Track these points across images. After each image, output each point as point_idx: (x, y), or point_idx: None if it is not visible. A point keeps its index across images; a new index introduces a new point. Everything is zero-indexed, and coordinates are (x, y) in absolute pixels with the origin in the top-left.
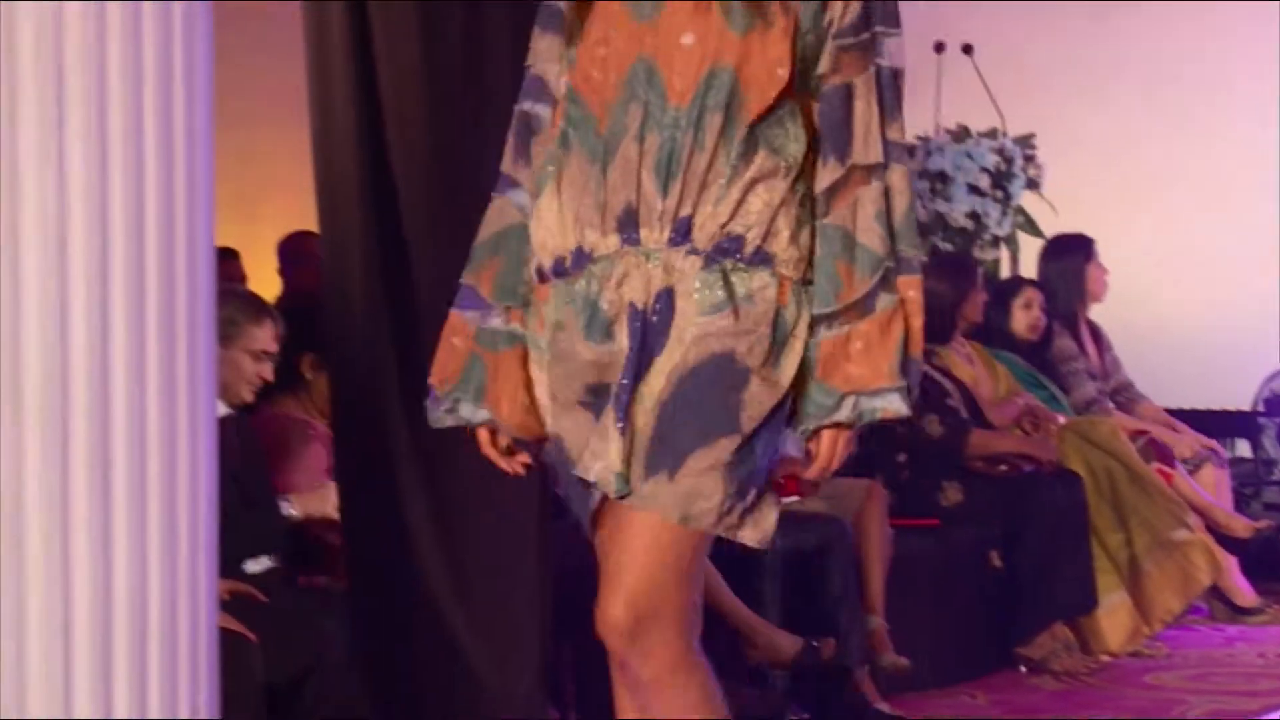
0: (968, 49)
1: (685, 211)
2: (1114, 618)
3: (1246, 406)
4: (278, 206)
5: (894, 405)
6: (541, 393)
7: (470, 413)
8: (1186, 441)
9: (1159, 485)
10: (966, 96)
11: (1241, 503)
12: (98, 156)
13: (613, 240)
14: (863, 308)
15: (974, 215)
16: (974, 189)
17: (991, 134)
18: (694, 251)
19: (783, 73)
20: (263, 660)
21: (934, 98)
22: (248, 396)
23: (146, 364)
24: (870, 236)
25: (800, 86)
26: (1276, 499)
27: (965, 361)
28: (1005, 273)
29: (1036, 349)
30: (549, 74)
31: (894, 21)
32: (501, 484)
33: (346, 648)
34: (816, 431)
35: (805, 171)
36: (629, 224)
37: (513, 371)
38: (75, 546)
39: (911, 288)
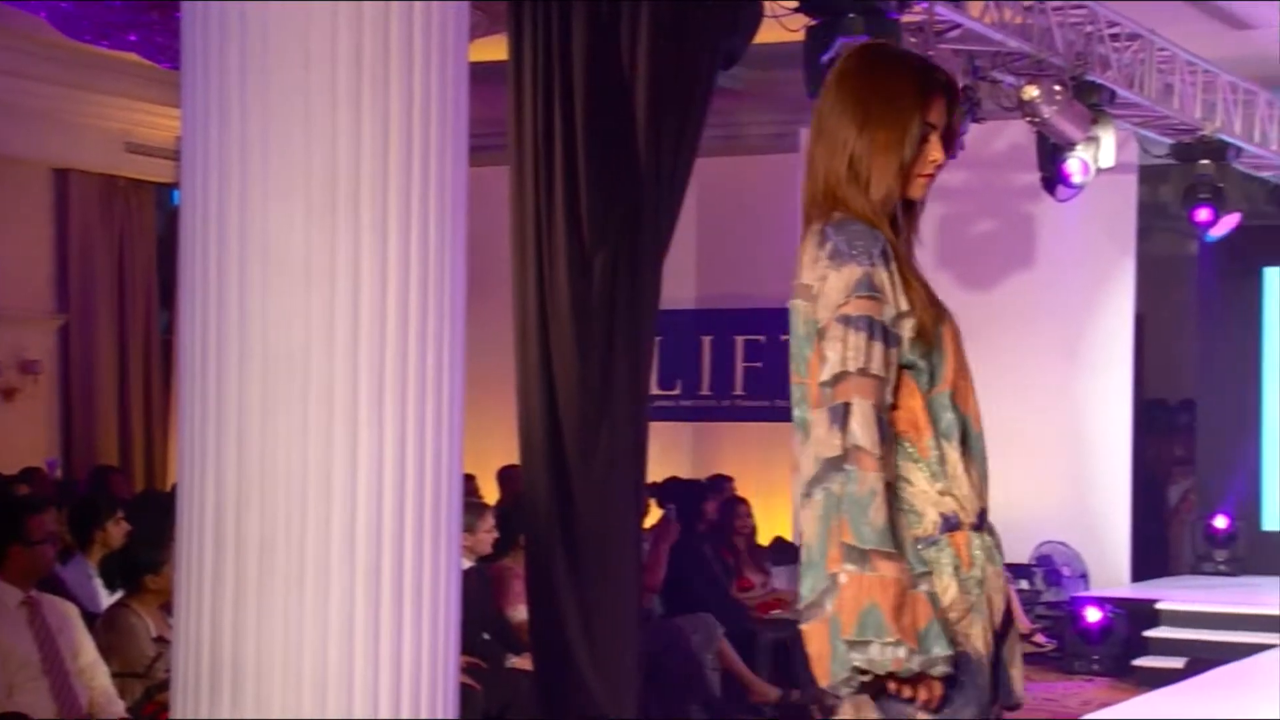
0: None
1: (983, 505)
2: None
3: (1025, 560)
4: None
5: None
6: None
7: (947, 668)
8: None
9: None
10: None
11: (1026, 609)
12: None
13: (974, 519)
14: None
15: None
16: None
17: None
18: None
19: None
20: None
21: None
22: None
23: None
24: None
25: None
26: (1043, 612)
27: None
28: None
29: None
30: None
31: None
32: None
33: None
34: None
35: None
36: (980, 510)
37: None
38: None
39: None
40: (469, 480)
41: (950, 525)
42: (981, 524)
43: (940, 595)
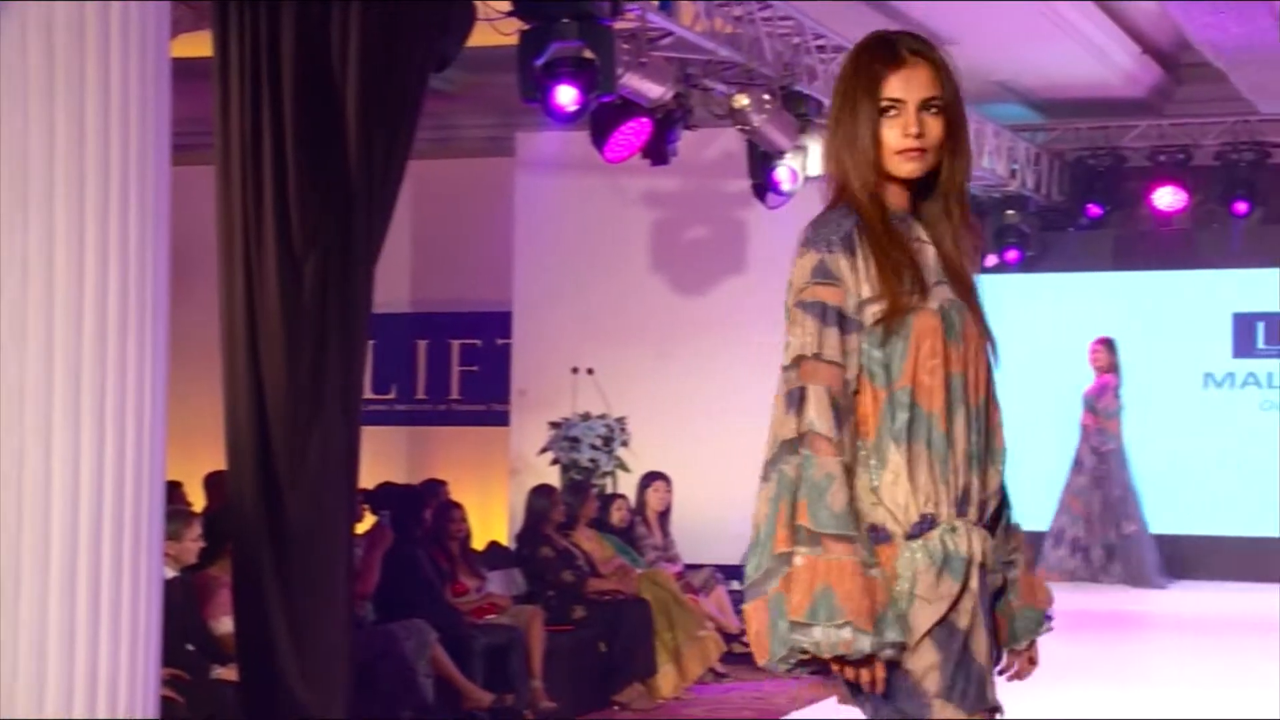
0: (590, 370)
1: (984, 496)
2: (665, 678)
3: (738, 561)
4: None
5: (1051, 620)
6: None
7: (897, 634)
8: (703, 575)
9: (690, 605)
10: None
11: (736, 610)
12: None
13: (950, 513)
14: (1018, 552)
15: (593, 460)
16: (593, 446)
17: (603, 416)
18: (988, 526)
19: (994, 391)
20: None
21: (571, 397)
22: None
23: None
24: (1006, 503)
25: None
26: None
27: (587, 540)
28: (610, 490)
29: (624, 532)
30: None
31: None
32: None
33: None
34: (1032, 642)
35: None
36: (964, 502)
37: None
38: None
39: (1020, 538)
40: (174, 487)
41: (878, 538)
42: (921, 531)
43: None
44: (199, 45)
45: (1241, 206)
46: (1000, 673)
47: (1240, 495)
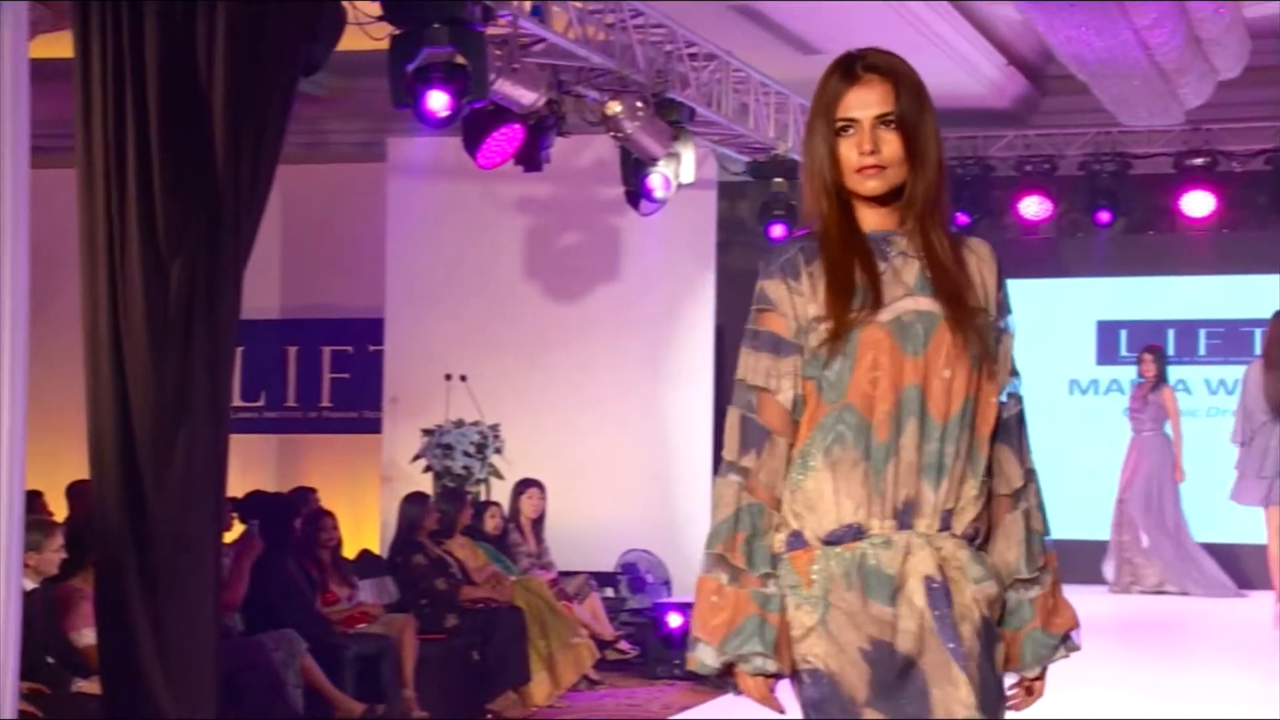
0: (463, 377)
1: (948, 505)
2: (539, 686)
3: (610, 568)
4: None
5: (1074, 642)
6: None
7: (763, 664)
8: (577, 583)
9: (564, 612)
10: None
11: (610, 617)
12: None
13: (886, 524)
14: (1045, 572)
15: (467, 467)
16: (466, 453)
17: (476, 424)
18: (953, 536)
19: (993, 401)
20: None
21: (444, 404)
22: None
23: None
24: (1038, 522)
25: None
26: (628, 619)
27: (460, 548)
28: (484, 497)
29: (498, 540)
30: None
31: (1014, 371)
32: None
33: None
34: (1042, 671)
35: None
36: (905, 513)
37: (785, 629)
38: None
39: (1053, 559)
40: (34, 496)
41: (794, 544)
42: (841, 539)
43: (787, 611)
44: (59, 46)
45: (1104, 216)
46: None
47: (1104, 500)
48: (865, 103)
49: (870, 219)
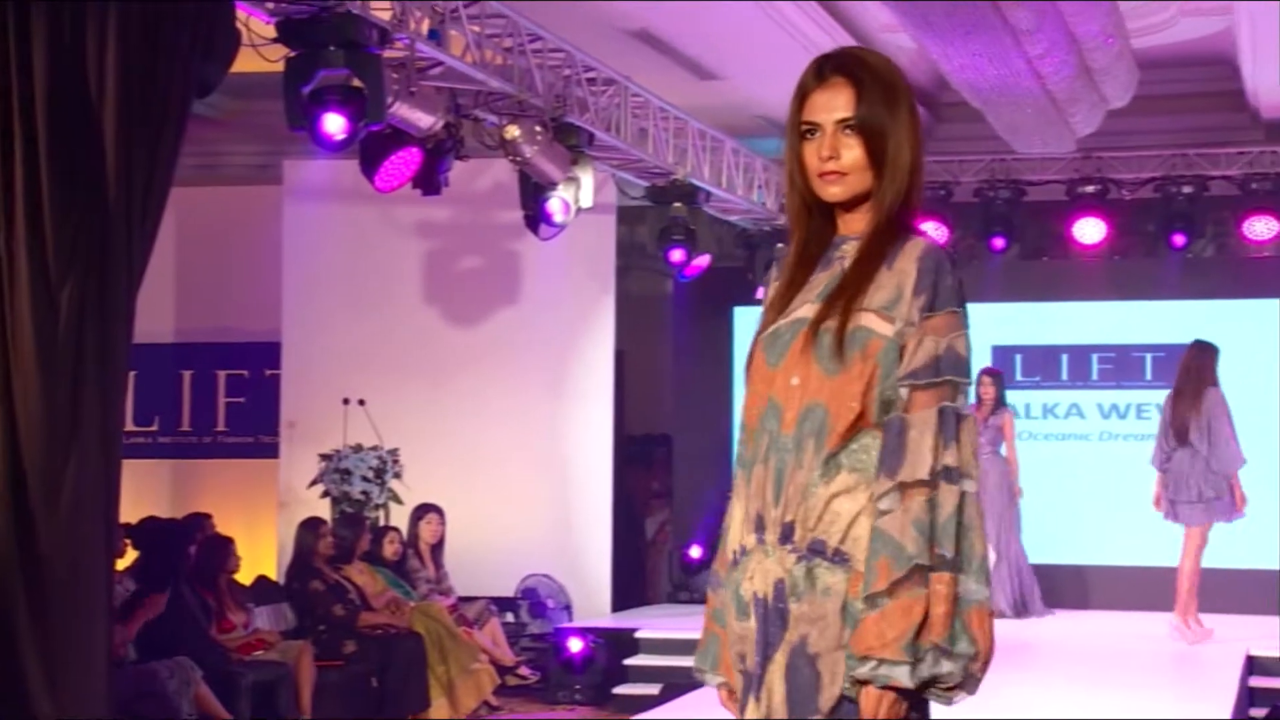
0: (361, 401)
1: (788, 518)
2: (439, 712)
3: (510, 593)
4: None
5: (896, 674)
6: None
7: (711, 679)
8: (477, 608)
9: (464, 638)
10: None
11: (511, 642)
12: None
13: (751, 539)
14: (893, 594)
15: (365, 492)
16: (365, 478)
17: (375, 448)
18: (794, 550)
19: (854, 405)
20: None
21: (342, 429)
22: None
23: None
24: (906, 538)
25: (880, 418)
26: (528, 644)
27: (359, 573)
28: (383, 523)
29: (397, 565)
30: None
31: (964, 372)
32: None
33: None
34: (863, 689)
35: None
36: (759, 527)
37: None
38: None
39: (941, 582)
40: None
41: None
42: (736, 561)
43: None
44: None
45: (999, 242)
46: None
47: None
48: (828, 106)
49: (843, 223)
